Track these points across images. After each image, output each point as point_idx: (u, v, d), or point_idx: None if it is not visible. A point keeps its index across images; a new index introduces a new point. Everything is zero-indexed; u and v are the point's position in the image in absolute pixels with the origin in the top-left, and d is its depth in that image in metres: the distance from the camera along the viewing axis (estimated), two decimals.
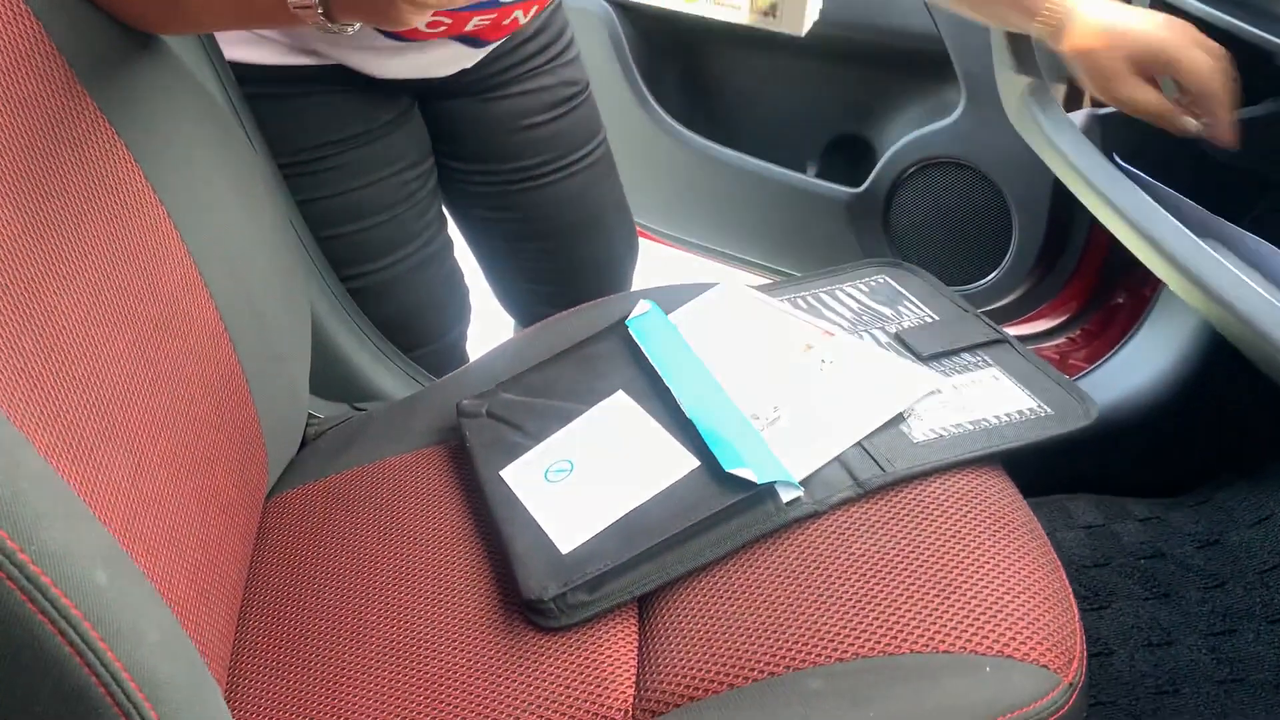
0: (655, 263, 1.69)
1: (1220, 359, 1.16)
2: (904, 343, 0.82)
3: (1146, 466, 1.22)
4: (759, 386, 0.77)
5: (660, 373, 0.78)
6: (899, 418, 0.73)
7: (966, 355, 0.80)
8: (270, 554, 0.79)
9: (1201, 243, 0.72)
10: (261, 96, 0.93)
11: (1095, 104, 0.99)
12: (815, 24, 1.23)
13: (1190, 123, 0.80)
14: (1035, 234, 1.21)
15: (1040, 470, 0.85)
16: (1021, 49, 0.90)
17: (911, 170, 1.26)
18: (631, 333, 0.84)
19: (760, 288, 0.91)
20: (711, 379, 0.78)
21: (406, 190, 1.05)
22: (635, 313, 0.86)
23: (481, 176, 1.12)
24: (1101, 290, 1.29)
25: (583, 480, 0.72)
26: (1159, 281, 1.23)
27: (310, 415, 0.92)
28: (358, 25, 0.62)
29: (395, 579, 0.72)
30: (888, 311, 0.86)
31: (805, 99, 1.36)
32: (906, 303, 0.87)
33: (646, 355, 0.81)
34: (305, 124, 0.96)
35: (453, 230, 1.18)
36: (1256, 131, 0.88)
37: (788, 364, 0.79)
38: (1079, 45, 0.81)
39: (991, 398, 0.75)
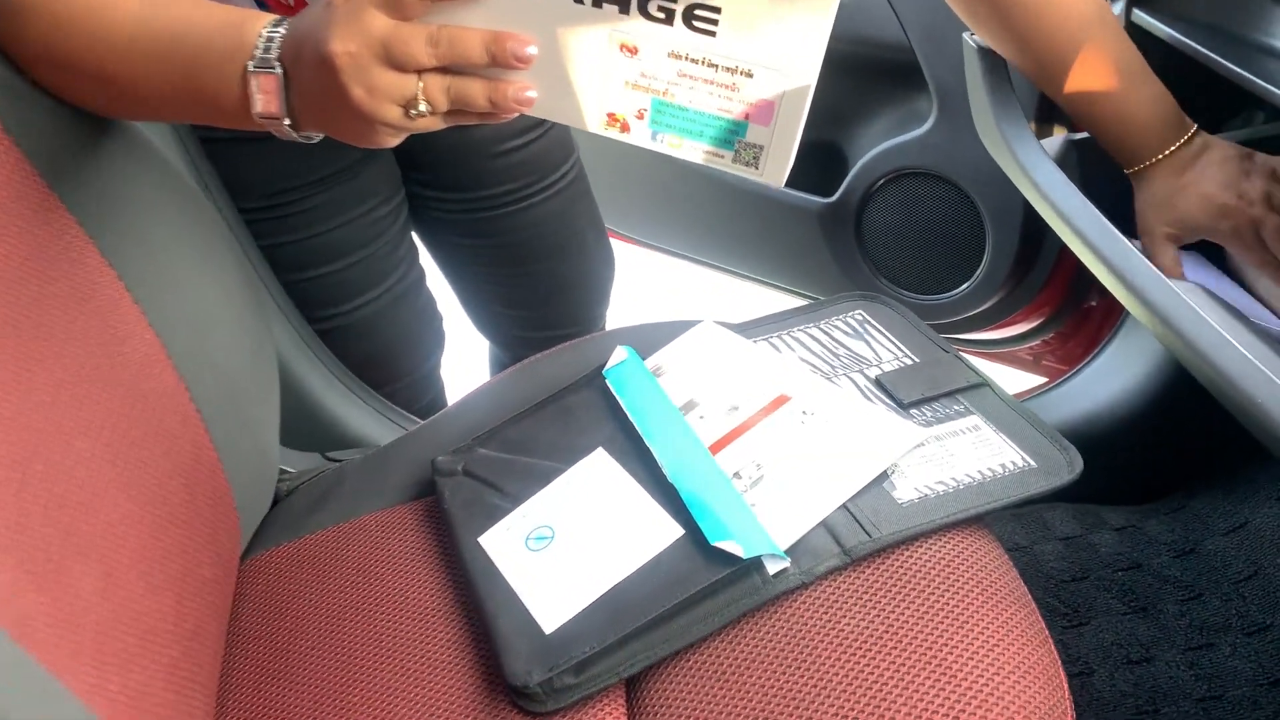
0: (634, 269, 1.68)
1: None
2: (884, 388, 0.81)
3: (1122, 474, 1.22)
4: (741, 442, 0.76)
5: (639, 430, 0.77)
6: (883, 475, 0.73)
7: (948, 402, 0.80)
8: (246, 624, 0.77)
9: (1170, 282, 0.72)
10: (226, 140, 0.90)
11: (1071, 128, 0.98)
12: None
13: None
14: (1008, 244, 1.21)
15: None
16: (995, 68, 0.89)
17: (883, 180, 1.25)
18: (608, 383, 0.83)
19: (739, 326, 0.90)
20: (692, 435, 0.77)
21: (379, 228, 1.03)
22: (612, 361, 0.85)
23: (456, 204, 1.09)
24: (1075, 295, 1.29)
25: (564, 550, 0.71)
26: None
27: (281, 470, 0.90)
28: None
29: (377, 655, 0.71)
30: (867, 353, 0.85)
31: None
32: (885, 342, 0.86)
33: (624, 409, 0.79)
34: (273, 167, 0.93)
35: (425, 257, 1.16)
36: None
37: (769, 417, 0.78)
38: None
39: (974, 450, 0.75)
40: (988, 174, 1.17)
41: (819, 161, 1.34)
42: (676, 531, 0.70)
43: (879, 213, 1.27)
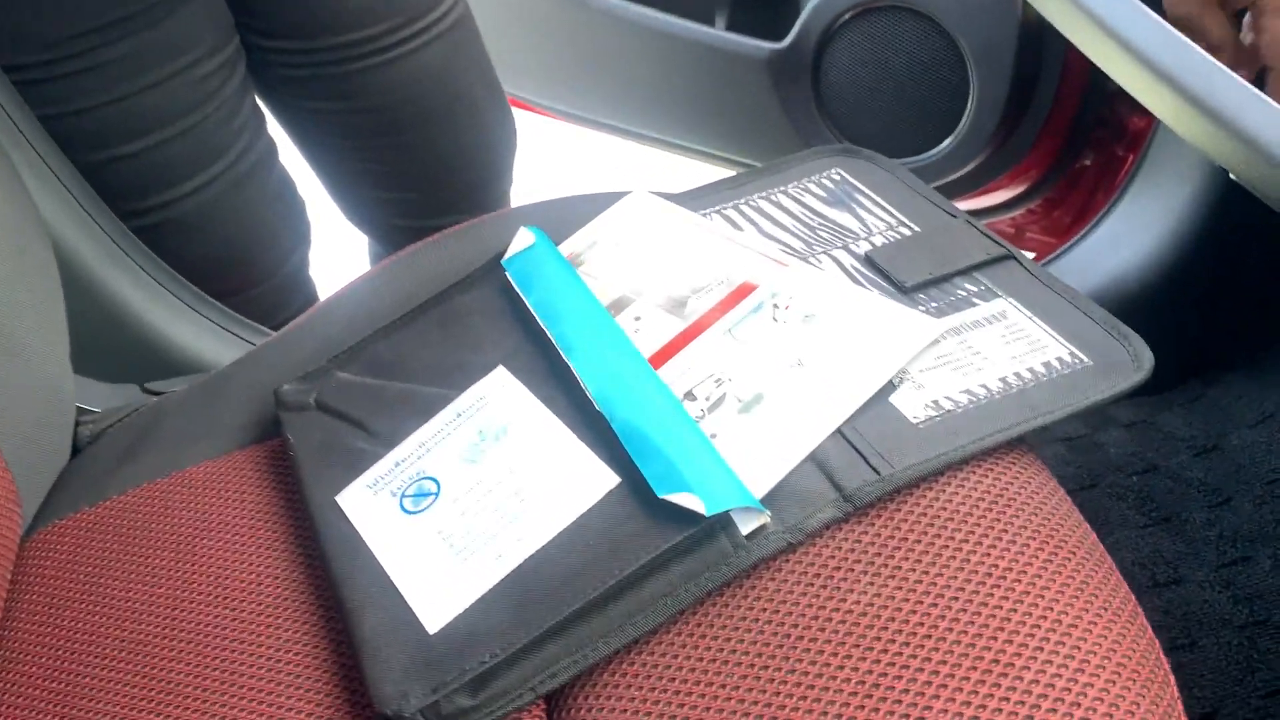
0: (541, 145, 1.44)
1: (1216, 229, 0.98)
2: (878, 268, 0.61)
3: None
4: (693, 349, 0.56)
5: (554, 339, 0.56)
6: (889, 387, 0.53)
7: (964, 283, 0.60)
8: (21, 631, 0.56)
9: (1215, 61, 0.53)
10: None
11: None
12: None
13: None
14: (997, 91, 1.00)
15: None
16: None
17: (845, 18, 1.03)
18: (510, 277, 0.61)
19: (682, 196, 0.69)
20: (626, 343, 0.56)
21: (205, 88, 0.80)
22: (514, 247, 0.63)
23: (304, 57, 0.85)
24: (1069, 154, 1.09)
25: (454, 511, 0.51)
26: (1140, 141, 1.04)
27: (81, 410, 0.68)
28: None
29: (198, 669, 0.51)
30: (852, 223, 0.65)
31: None
32: (874, 207, 0.66)
33: (532, 311, 0.58)
34: (54, 7, 0.69)
35: (275, 128, 0.92)
36: None
37: (729, 314, 0.58)
38: None
39: (1007, 346, 0.55)
40: (971, 3, 0.96)
41: (765, 3, 1.11)
42: (610, 480, 0.50)
43: (840, 59, 1.06)
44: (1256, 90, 0.54)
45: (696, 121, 1.17)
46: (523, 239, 0.63)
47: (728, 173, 1.21)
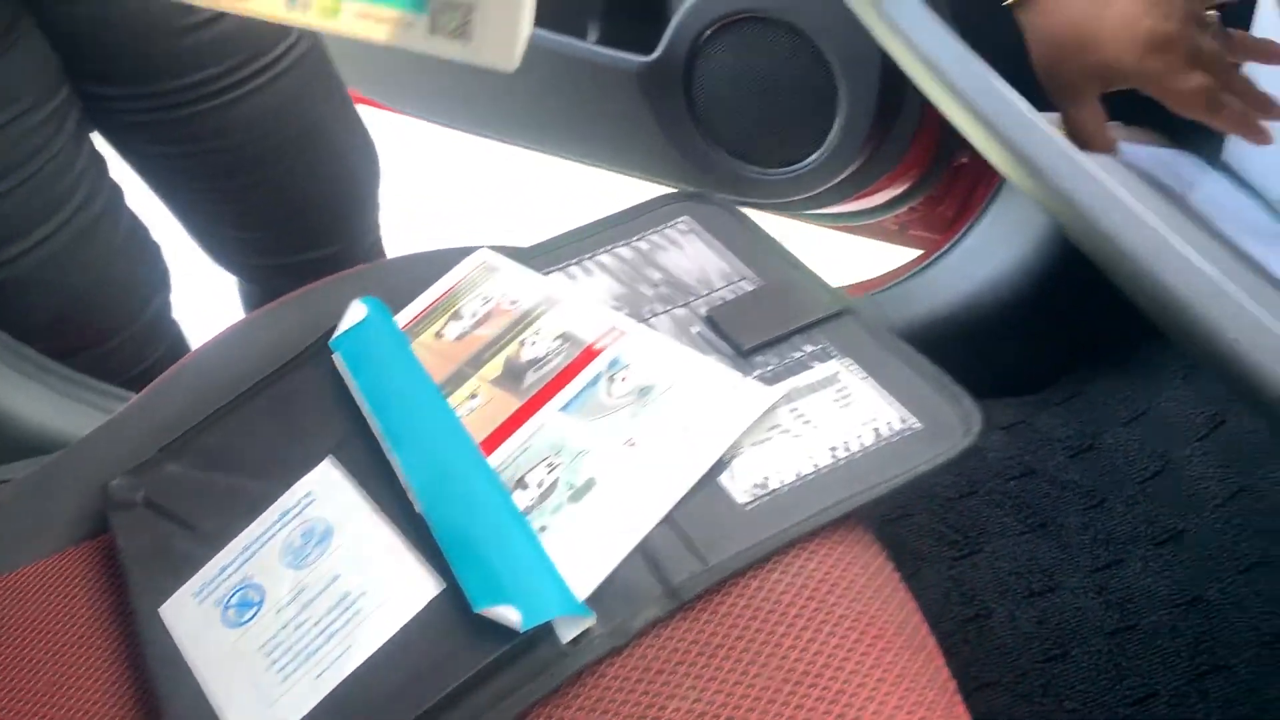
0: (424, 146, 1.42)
1: None
2: (718, 328, 0.60)
3: (1008, 361, 1.06)
4: (527, 430, 0.55)
5: (379, 431, 0.55)
6: (720, 465, 0.53)
7: (802, 342, 0.59)
8: None
9: (1044, 125, 0.54)
10: None
11: None
12: None
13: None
14: (866, 99, 1.00)
15: None
16: None
17: (712, 30, 1.02)
18: (338, 361, 0.60)
19: (530, 251, 0.67)
20: (457, 428, 0.55)
21: (35, 141, 0.76)
22: (345, 322, 0.61)
23: (145, 102, 0.82)
24: (943, 154, 1.09)
25: (276, 624, 0.50)
26: None
27: None
28: None
29: None
30: (696, 277, 0.64)
31: None
32: (719, 260, 0.65)
33: (360, 402, 0.57)
34: None
35: (127, 171, 0.89)
36: None
37: (566, 388, 0.57)
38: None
39: (839, 412, 0.55)
40: (836, 14, 0.95)
41: (633, 9, 1.09)
42: (433, 587, 0.49)
43: (710, 70, 1.04)
44: (1079, 155, 0.54)
45: (567, 133, 1.15)
46: (354, 313, 0.61)
47: (612, 180, 1.20)
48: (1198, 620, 0.84)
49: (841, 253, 1.35)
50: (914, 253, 1.19)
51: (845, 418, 0.55)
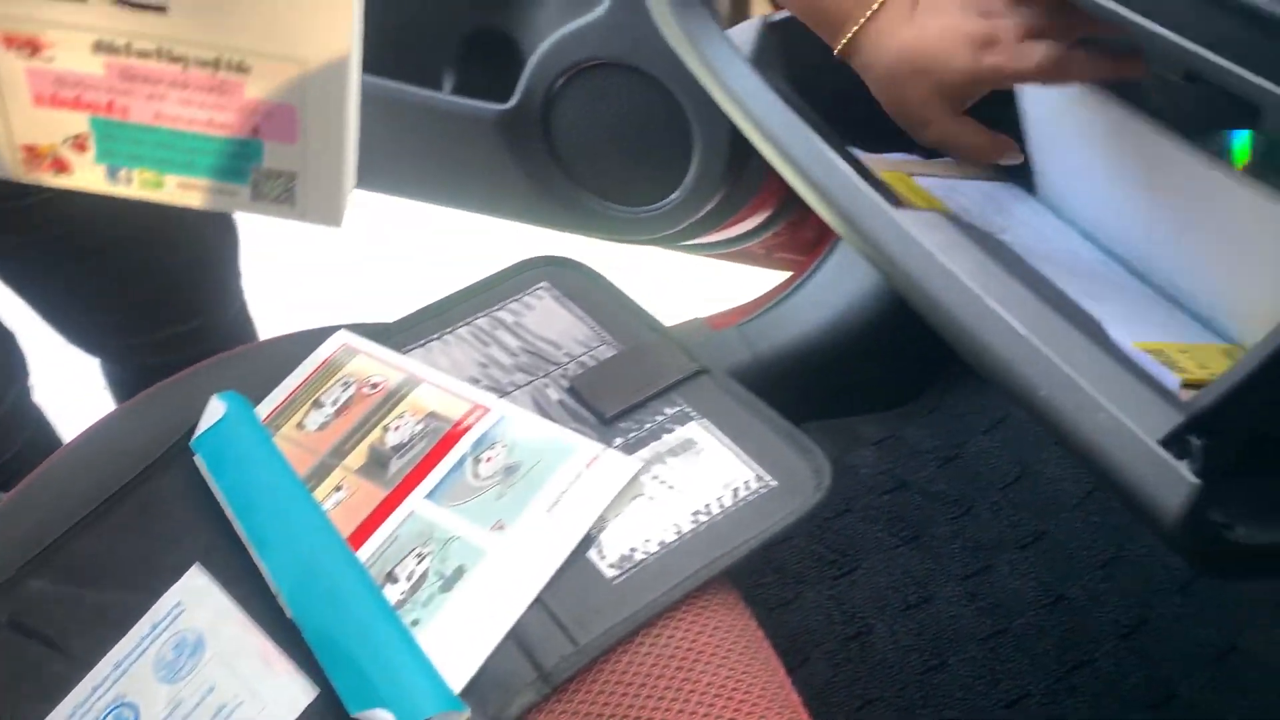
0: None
1: None
2: (580, 398, 0.62)
3: (876, 377, 1.10)
4: (395, 520, 0.56)
5: (243, 534, 0.55)
6: (587, 539, 0.54)
7: (662, 405, 0.61)
8: None
9: (859, 183, 0.57)
10: None
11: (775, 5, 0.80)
12: None
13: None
14: (719, 138, 1.02)
15: None
16: None
17: (565, 78, 1.03)
18: (200, 463, 0.59)
19: (392, 327, 0.68)
20: (325, 526, 0.55)
21: None
22: (204, 421, 0.61)
23: None
24: None
25: None
26: None
27: None
28: None
29: None
30: (557, 344, 0.66)
31: None
32: (579, 326, 0.67)
33: (223, 504, 0.57)
34: None
35: None
36: None
37: (432, 473, 0.58)
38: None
39: (699, 474, 0.57)
40: (683, 63, 0.97)
41: (486, 58, 1.10)
42: (307, 693, 0.49)
43: (568, 116, 1.06)
44: (893, 211, 0.57)
45: (433, 181, 1.15)
46: (213, 410, 0.61)
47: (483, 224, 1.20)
48: (1063, 618, 0.89)
49: (717, 275, 1.38)
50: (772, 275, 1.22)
51: (705, 480, 0.57)
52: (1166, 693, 0.84)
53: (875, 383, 1.11)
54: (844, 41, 0.61)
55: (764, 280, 1.27)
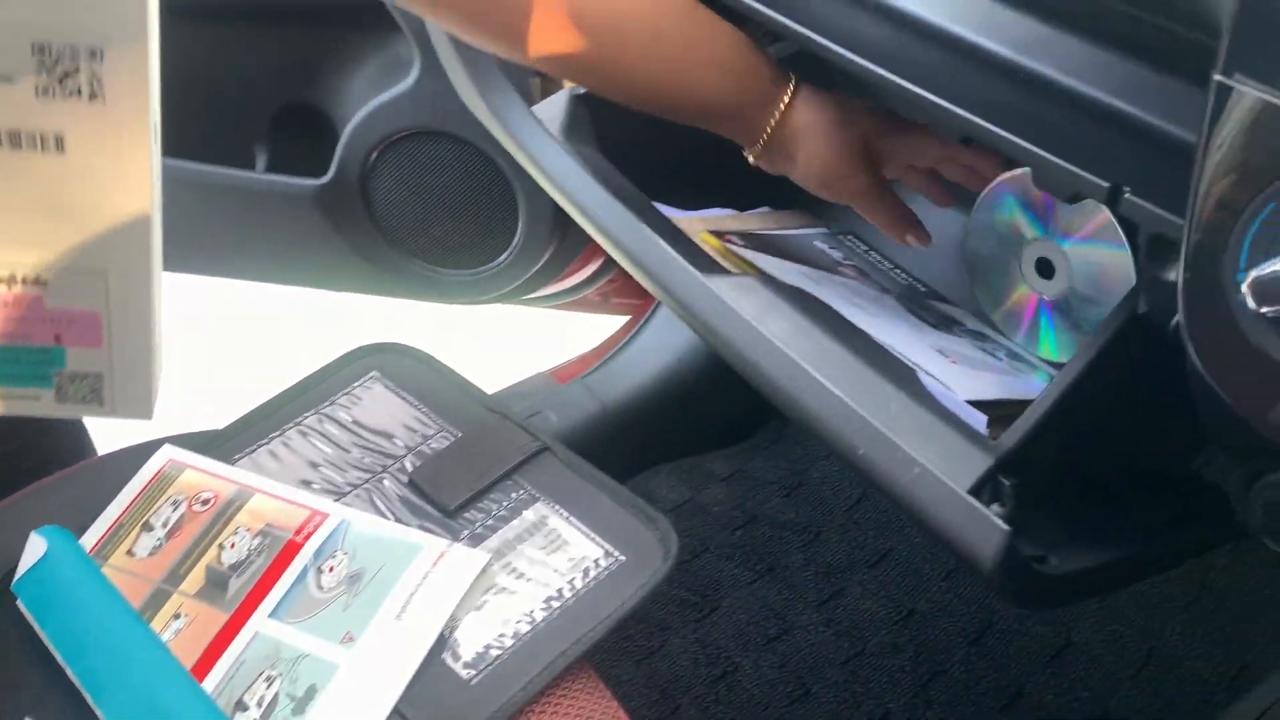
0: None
1: None
2: (422, 491, 0.62)
3: (719, 414, 1.13)
4: (239, 644, 0.54)
5: (76, 679, 0.52)
6: (441, 640, 0.54)
7: (506, 489, 0.62)
8: None
9: (674, 254, 0.59)
10: None
11: None
12: None
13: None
14: (542, 196, 1.03)
15: (610, 457, 0.70)
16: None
17: (380, 148, 1.02)
18: (22, 608, 0.56)
19: (216, 436, 0.66)
20: (165, 659, 0.53)
21: None
22: (25, 562, 0.58)
23: None
24: None
25: None
26: None
27: None
28: None
29: None
30: (393, 437, 0.65)
31: (234, 73, 1.06)
32: (414, 415, 0.66)
33: (52, 649, 0.54)
34: None
35: None
36: None
37: (273, 590, 0.56)
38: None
39: (549, 557, 0.58)
40: None
41: (299, 133, 1.08)
42: None
43: (387, 185, 1.05)
44: (704, 278, 0.59)
45: (257, 258, 1.13)
46: (34, 548, 0.58)
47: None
48: (915, 633, 0.93)
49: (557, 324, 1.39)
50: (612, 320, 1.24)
51: (555, 563, 0.57)
52: (1015, 693, 0.89)
53: (719, 420, 1.13)
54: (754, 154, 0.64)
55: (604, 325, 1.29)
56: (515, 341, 1.50)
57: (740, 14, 0.63)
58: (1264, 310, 0.33)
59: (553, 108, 0.74)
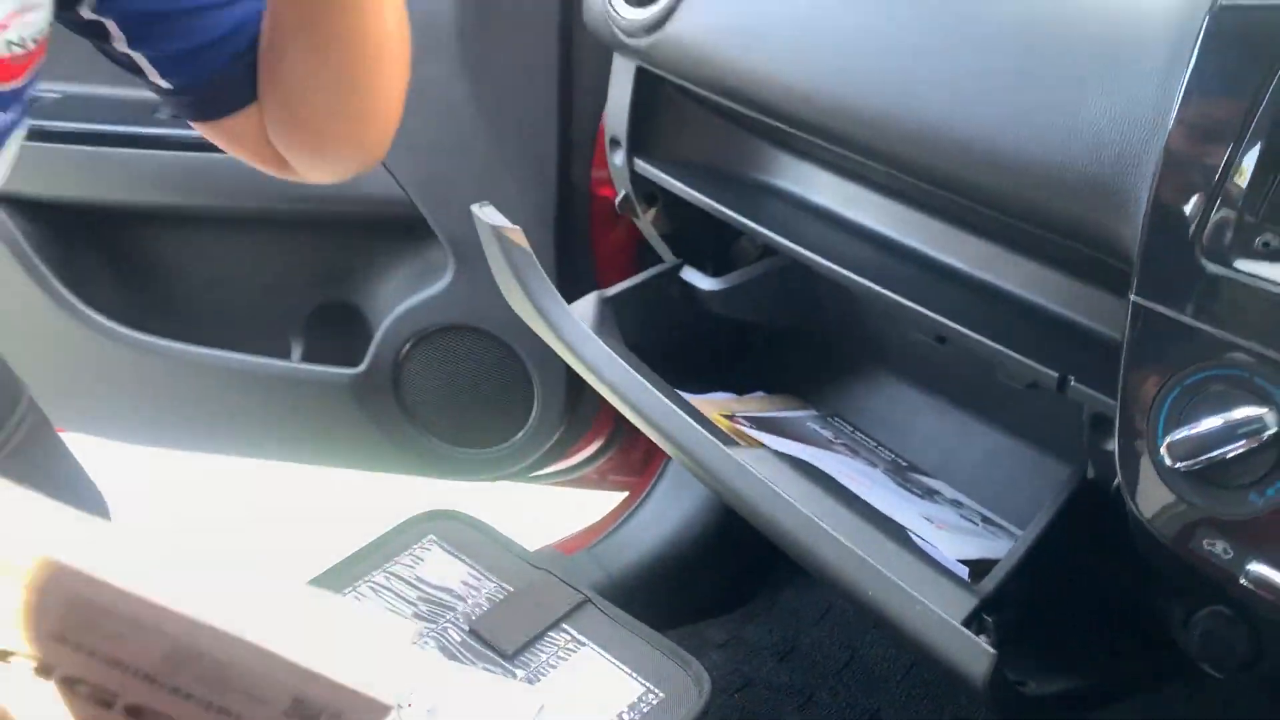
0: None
1: None
2: (482, 639, 0.70)
3: (715, 583, 1.22)
4: None
5: None
6: None
7: (555, 635, 0.71)
8: None
9: (703, 431, 0.71)
10: None
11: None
12: (268, 199, 1.07)
13: None
14: (556, 385, 1.15)
15: None
16: (515, 250, 0.82)
17: (412, 342, 1.14)
18: None
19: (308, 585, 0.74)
20: None
21: None
22: None
23: None
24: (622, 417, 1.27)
25: None
26: None
27: None
28: None
29: None
30: (449, 593, 0.74)
31: (274, 273, 1.19)
32: (470, 573, 0.76)
33: None
34: None
35: None
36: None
37: None
38: None
39: (595, 695, 0.66)
40: (521, 322, 1.11)
41: (337, 327, 1.20)
42: None
43: (417, 374, 1.17)
44: (728, 447, 0.70)
45: (293, 442, 1.23)
46: None
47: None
48: None
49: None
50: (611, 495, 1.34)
51: (603, 702, 0.66)
52: None
53: (716, 589, 1.22)
54: None
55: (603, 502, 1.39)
56: (511, 514, 1.58)
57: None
58: (1177, 466, 0.45)
59: (584, 307, 0.87)
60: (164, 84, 0.60)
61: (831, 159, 0.79)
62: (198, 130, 0.64)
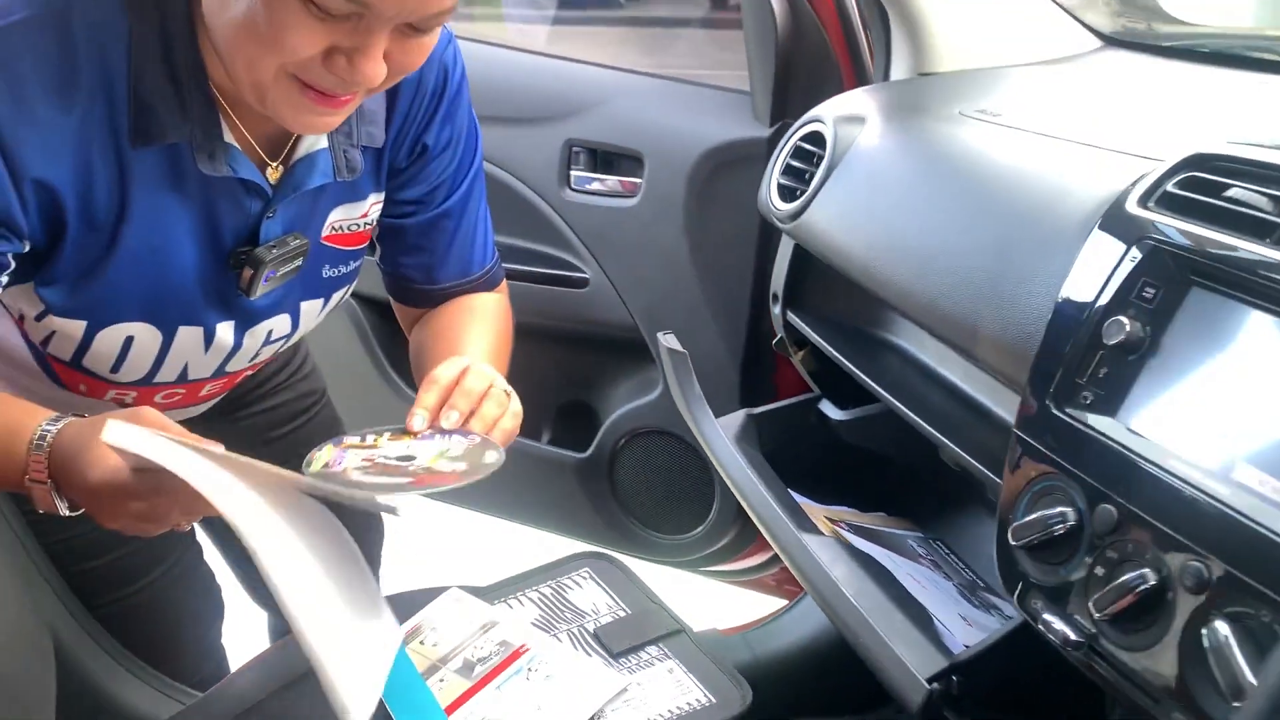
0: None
1: None
2: (600, 640, 0.96)
3: (848, 684, 1.39)
4: (475, 701, 0.89)
5: (386, 703, 0.89)
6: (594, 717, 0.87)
7: (651, 648, 0.95)
8: None
9: (784, 515, 0.92)
10: None
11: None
12: (534, 315, 1.42)
13: None
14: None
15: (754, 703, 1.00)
16: (679, 362, 1.10)
17: (627, 437, 1.44)
18: None
19: (483, 590, 1.04)
20: (431, 701, 0.89)
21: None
22: None
23: None
24: None
25: None
26: None
27: None
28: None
29: None
30: (588, 607, 1.01)
31: (536, 375, 1.53)
32: (605, 596, 1.02)
33: None
34: None
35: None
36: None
37: (500, 675, 0.91)
38: None
39: (667, 691, 0.90)
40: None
41: (574, 419, 1.52)
42: None
43: (627, 464, 1.46)
44: (825, 556, 0.92)
45: (525, 506, 1.55)
46: None
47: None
48: None
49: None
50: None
51: (672, 694, 0.89)
52: None
53: (849, 689, 1.39)
54: None
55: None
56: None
57: None
58: (1015, 544, 0.65)
59: (732, 419, 1.12)
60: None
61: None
62: None
